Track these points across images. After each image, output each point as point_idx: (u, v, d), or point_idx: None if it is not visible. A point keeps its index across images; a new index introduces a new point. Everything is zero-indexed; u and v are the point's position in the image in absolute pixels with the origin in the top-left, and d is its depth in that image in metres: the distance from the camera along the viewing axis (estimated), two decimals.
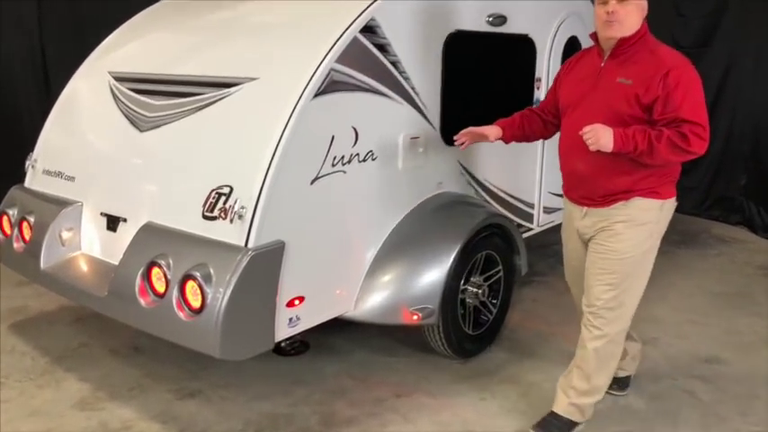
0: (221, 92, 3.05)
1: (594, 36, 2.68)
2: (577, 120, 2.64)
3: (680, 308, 4.30)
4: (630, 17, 2.53)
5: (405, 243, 3.27)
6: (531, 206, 4.39)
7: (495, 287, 3.66)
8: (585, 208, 2.73)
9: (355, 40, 2.94)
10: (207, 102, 3.08)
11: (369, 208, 3.18)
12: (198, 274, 2.60)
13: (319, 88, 2.81)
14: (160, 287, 2.76)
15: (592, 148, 2.46)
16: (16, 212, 3.56)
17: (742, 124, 6.15)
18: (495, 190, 4.00)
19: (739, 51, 6.11)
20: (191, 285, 2.63)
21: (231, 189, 2.77)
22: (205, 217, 2.81)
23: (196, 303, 2.62)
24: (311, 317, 2.97)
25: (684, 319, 4.13)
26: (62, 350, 3.62)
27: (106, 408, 3.06)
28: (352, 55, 2.93)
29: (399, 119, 3.24)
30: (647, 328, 3.84)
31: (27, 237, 3.46)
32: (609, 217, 2.65)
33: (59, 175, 3.57)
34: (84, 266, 3.28)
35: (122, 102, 3.44)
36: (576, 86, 2.74)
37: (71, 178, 3.51)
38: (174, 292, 2.68)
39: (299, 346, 3.23)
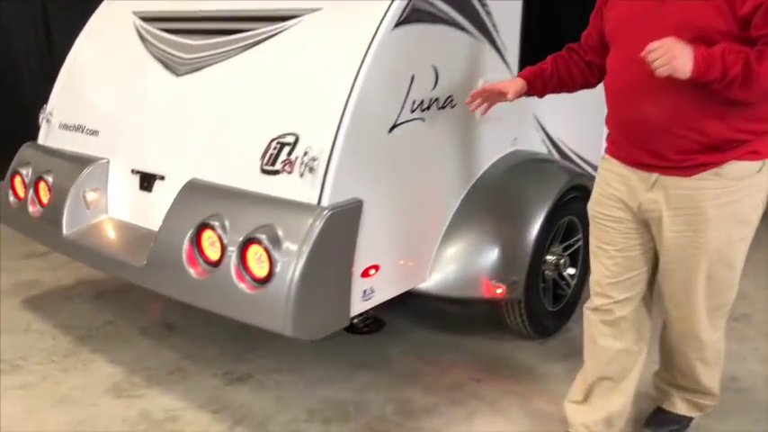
0: (276, 26, 2.59)
1: None
2: (637, 46, 1.79)
3: (763, 282, 3.89)
4: None
5: (484, 206, 2.83)
6: (596, 169, 3.95)
7: (575, 257, 3.25)
8: (655, 174, 1.97)
9: None
10: (258, 38, 2.62)
11: (445, 163, 2.74)
12: (264, 237, 2.16)
13: (401, 16, 2.36)
14: (213, 254, 2.32)
15: (660, 71, 1.71)
16: (31, 172, 3.10)
17: None
18: (567, 150, 3.55)
19: None
20: (254, 251, 2.20)
21: (297, 138, 2.32)
22: (264, 171, 2.37)
23: (261, 272, 2.18)
24: (385, 289, 2.54)
25: None
26: (85, 329, 3.19)
27: (145, 395, 2.64)
28: None
29: (480, 60, 2.78)
30: (735, 303, 3.42)
31: (45, 200, 3.00)
32: (694, 193, 1.93)
33: (80, 129, 3.12)
34: (113, 232, 2.84)
35: (152, 44, 2.98)
36: (632, 2, 1.97)
37: (94, 132, 3.05)
38: (233, 260, 2.24)
39: (373, 323, 2.81)
